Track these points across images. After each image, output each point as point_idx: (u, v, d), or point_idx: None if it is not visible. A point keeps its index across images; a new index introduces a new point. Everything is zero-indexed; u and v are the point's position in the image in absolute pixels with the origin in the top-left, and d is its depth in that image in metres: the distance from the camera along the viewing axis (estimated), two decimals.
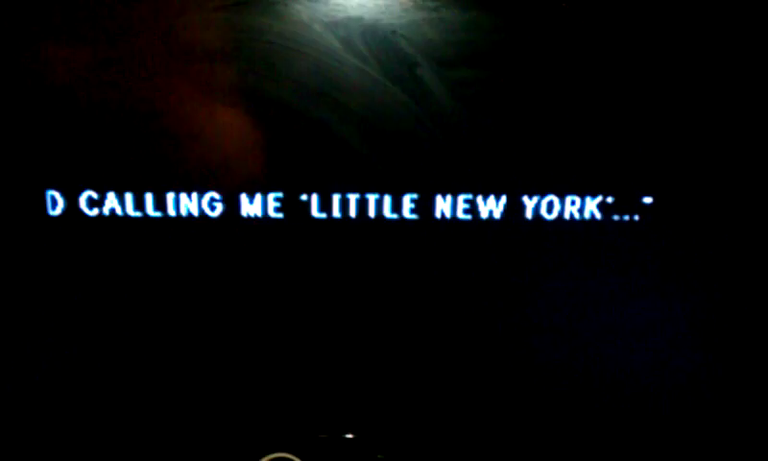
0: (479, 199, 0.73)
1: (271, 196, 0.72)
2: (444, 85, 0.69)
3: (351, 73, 0.68)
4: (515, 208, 0.73)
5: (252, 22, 0.66)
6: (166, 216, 0.71)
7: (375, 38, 0.68)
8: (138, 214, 0.71)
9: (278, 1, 0.66)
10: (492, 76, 0.70)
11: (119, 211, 0.71)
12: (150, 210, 0.71)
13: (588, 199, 0.74)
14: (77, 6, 0.65)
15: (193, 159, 0.70)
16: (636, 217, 0.75)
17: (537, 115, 0.71)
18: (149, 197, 0.71)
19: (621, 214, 0.75)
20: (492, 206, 0.73)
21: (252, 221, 0.72)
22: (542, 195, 0.73)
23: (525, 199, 0.73)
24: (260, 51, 0.67)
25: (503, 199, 0.73)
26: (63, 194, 0.71)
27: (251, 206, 0.72)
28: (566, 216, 0.74)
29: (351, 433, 0.80)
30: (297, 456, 0.78)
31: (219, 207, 0.72)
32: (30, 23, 0.65)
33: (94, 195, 0.71)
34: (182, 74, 0.67)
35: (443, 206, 0.73)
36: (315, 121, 0.69)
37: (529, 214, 0.74)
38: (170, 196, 0.71)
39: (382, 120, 0.70)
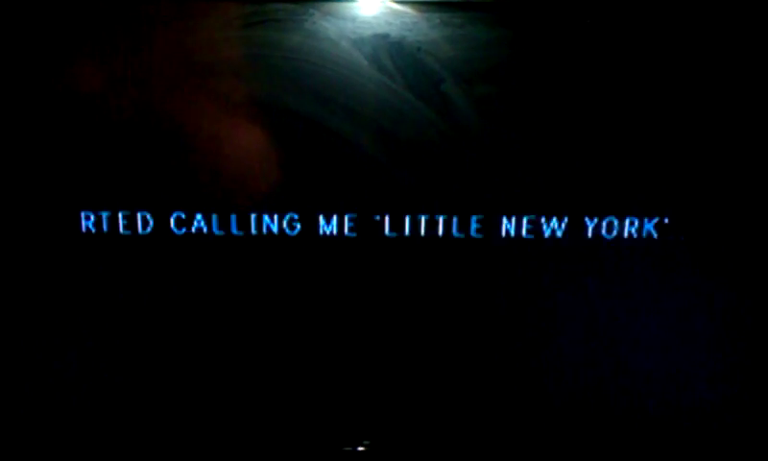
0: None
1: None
2: (469, 102, 0.69)
3: (378, 89, 0.69)
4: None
5: (280, 39, 0.69)
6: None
7: (402, 55, 0.69)
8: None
9: (307, 19, 0.68)
10: (516, 92, 0.70)
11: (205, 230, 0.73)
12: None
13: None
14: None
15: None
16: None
17: (553, 130, 0.71)
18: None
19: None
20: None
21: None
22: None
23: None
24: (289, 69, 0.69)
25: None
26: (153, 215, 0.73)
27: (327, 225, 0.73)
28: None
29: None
30: None
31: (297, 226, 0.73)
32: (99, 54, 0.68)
33: (182, 215, 0.72)
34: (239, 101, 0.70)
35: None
36: (345, 137, 0.70)
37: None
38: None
39: (408, 135, 0.70)
